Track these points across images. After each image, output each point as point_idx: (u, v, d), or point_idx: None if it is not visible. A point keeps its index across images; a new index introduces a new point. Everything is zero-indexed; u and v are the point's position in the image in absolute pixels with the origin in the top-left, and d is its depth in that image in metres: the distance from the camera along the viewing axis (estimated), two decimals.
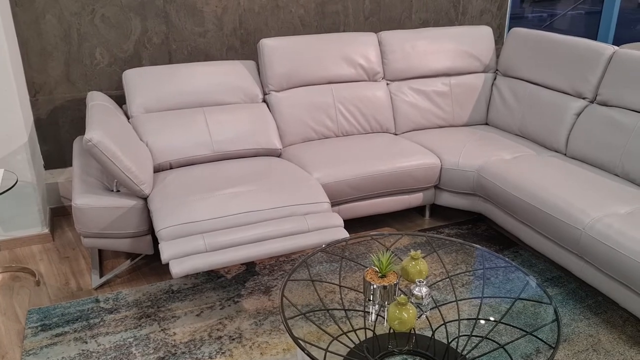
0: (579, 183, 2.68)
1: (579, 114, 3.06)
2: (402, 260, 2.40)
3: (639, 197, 2.55)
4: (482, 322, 2.17)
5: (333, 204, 2.91)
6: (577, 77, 3.10)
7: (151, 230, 2.61)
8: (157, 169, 2.86)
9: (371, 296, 1.90)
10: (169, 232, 2.31)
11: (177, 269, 2.15)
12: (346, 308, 2.21)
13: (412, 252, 2.00)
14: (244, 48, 3.49)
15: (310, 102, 3.25)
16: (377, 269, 1.93)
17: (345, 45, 3.35)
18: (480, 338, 2.08)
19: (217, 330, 2.34)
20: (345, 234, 2.38)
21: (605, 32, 4.76)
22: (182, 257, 2.21)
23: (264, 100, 3.24)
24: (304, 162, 2.96)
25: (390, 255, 1.90)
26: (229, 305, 2.49)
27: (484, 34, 3.64)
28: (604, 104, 2.97)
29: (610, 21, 4.72)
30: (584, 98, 3.08)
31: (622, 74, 2.86)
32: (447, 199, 3.17)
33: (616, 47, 2.98)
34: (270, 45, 3.19)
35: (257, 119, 3.09)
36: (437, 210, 3.43)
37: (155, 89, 3.00)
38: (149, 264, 2.82)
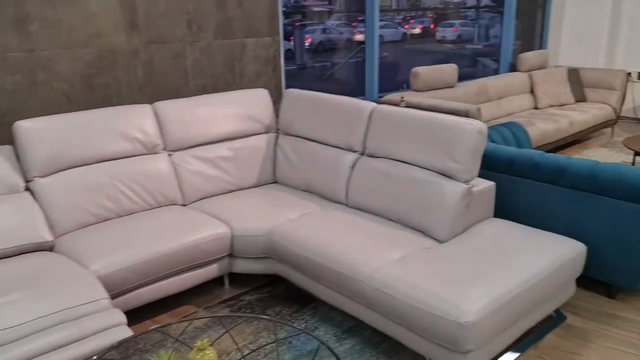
0: (360, 234, 2.84)
1: (353, 167, 3.28)
2: (191, 349, 2.26)
3: (409, 240, 2.79)
4: None
5: (118, 295, 2.66)
6: (347, 133, 3.33)
7: None
8: None
9: None
10: None
11: None
12: None
13: (199, 342, 1.89)
14: None
15: (84, 184, 2.99)
16: None
17: (117, 120, 3.17)
18: None
19: None
20: (127, 332, 2.17)
21: (370, 80, 5.39)
22: None
23: (28, 189, 2.89)
24: (81, 252, 2.68)
25: (170, 354, 1.76)
26: None
27: (261, 95, 3.75)
28: (371, 155, 3.22)
29: (372, 71, 5.37)
30: (355, 151, 3.32)
31: (381, 128, 3.15)
32: (243, 266, 3.13)
33: (374, 104, 3.28)
34: (27, 127, 2.88)
35: (19, 211, 2.73)
36: (237, 277, 3.36)
37: None
38: None
